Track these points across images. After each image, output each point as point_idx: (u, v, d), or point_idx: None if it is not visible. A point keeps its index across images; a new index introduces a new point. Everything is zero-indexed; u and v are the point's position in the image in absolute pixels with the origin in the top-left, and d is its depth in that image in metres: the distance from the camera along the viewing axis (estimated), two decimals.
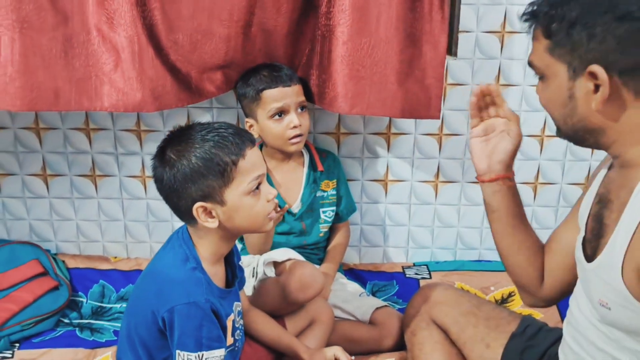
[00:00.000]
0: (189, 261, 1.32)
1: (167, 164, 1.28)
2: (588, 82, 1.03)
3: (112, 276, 2.11)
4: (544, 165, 2.08)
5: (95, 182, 2.13)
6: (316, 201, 1.92)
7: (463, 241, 2.19)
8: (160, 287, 1.31)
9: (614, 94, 1.02)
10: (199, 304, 1.27)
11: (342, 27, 1.73)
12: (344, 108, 1.80)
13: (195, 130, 1.30)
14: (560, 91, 1.07)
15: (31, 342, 1.82)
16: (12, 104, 1.72)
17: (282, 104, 1.78)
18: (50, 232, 2.21)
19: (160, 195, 1.34)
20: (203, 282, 1.30)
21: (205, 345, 1.28)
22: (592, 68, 1.01)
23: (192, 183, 1.27)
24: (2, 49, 1.68)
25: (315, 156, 1.94)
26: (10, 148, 2.09)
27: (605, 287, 1.08)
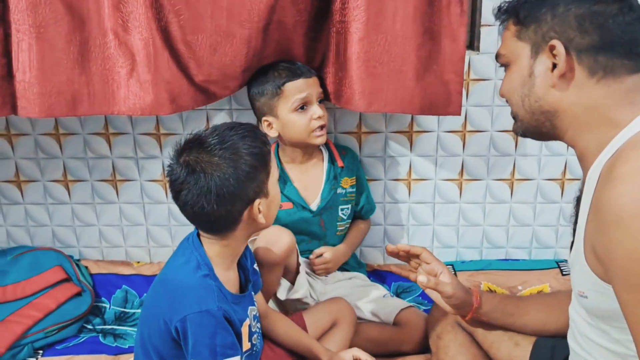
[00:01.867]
0: (201, 268, 1.30)
1: (218, 171, 1.21)
2: (547, 60, 1.10)
3: (135, 281, 2.10)
4: (519, 162, 2.04)
5: (116, 187, 2.12)
6: (336, 198, 1.89)
7: (489, 240, 2.14)
8: (172, 295, 1.29)
9: (569, 71, 1.08)
10: (211, 311, 1.25)
11: (357, 23, 1.69)
12: (361, 106, 1.77)
13: (217, 133, 1.27)
14: (521, 71, 1.14)
15: (55, 349, 1.83)
16: (31, 110, 1.72)
17: (306, 94, 1.76)
18: (73, 238, 2.20)
19: (201, 211, 1.23)
20: (215, 289, 1.28)
21: (220, 353, 1.26)
22: (552, 42, 1.08)
23: (251, 181, 1.25)
24: (20, 54, 1.68)
25: (334, 152, 1.92)
26: (31, 154, 2.09)
27: (580, 277, 1.11)
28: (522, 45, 1.14)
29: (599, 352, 1.14)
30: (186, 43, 1.72)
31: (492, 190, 2.07)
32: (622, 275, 0.95)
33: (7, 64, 1.70)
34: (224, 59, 1.75)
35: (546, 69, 1.10)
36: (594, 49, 1.05)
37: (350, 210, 1.93)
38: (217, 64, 1.74)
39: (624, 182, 0.94)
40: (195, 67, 1.75)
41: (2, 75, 1.71)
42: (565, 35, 1.07)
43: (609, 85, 1.06)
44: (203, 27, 1.71)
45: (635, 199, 0.91)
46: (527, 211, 2.09)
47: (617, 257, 0.95)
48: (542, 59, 1.11)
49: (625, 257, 0.93)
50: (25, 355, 1.78)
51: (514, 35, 1.15)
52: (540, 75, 1.11)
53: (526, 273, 2.04)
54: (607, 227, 0.95)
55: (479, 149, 2.02)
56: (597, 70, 1.06)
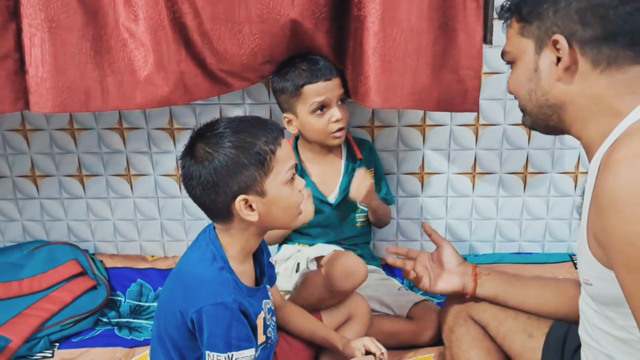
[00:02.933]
0: (216, 261, 1.30)
1: (205, 159, 1.24)
2: (551, 54, 1.12)
3: (149, 275, 2.12)
4: (532, 155, 2.03)
5: (130, 182, 2.14)
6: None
7: (502, 233, 2.14)
8: (188, 287, 1.30)
9: (573, 64, 1.10)
10: (227, 304, 1.25)
11: (373, 17, 1.67)
12: (376, 102, 1.75)
13: (224, 124, 1.28)
14: (527, 67, 1.17)
15: (70, 342, 1.85)
16: (44, 105, 1.73)
17: (324, 98, 1.76)
18: (88, 232, 2.22)
19: (192, 194, 1.29)
20: (230, 281, 1.29)
21: (235, 345, 1.26)
22: (555, 37, 1.10)
23: (233, 175, 1.24)
24: (33, 49, 1.69)
25: (353, 145, 1.92)
26: (46, 150, 2.11)
27: (584, 265, 1.12)
28: (526, 42, 1.17)
29: (605, 340, 1.15)
30: (201, 34, 1.73)
31: (505, 184, 2.07)
32: (621, 258, 0.97)
33: (19, 59, 1.71)
34: (240, 51, 1.75)
35: (551, 63, 1.13)
36: (596, 40, 1.07)
37: None
38: (234, 56, 1.75)
39: (619, 167, 0.96)
40: (211, 58, 1.76)
41: (15, 70, 1.72)
42: (567, 29, 1.09)
43: (612, 75, 1.08)
44: (220, 18, 1.71)
45: (629, 183, 0.93)
46: (540, 205, 2.09)
47: (615, 240, 0.97)
48: (546, 53, 1.13)
49: (623, 240, 0.95)
50: (41, 347, 1.80)
51: (518, 33, 1.18)
52: (545, 69, 1.14)
53: (539, 266, 2.03)
54: (604, 211, 0.97)
55: (491, 142, 2.02)
56: (600, 62, 1.08)
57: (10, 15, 1.67)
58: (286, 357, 1.57)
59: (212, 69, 1.77)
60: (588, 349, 1.22)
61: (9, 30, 1.68)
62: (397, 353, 1.71)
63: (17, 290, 1.94)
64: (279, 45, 1.77)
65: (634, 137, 1.00)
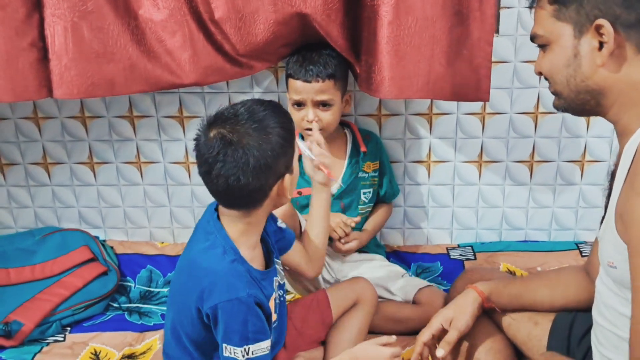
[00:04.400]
0: (227, 253, 1.29)
1: (252, 145, 1.20)
2: (593, 39, 1.08)
3: (159, 261, 2.15)
4: (539, 143, 2.04)
5: (140, 169, 2.16)
6: (357, 182, 1.92)
7: (508, 221, 2.15)
8: (202, 283, 1.28)
9: (617, 48, 1.07)
10: (242, 299, 1.24)
11: (387, 6, 1.65)
12: (391, 93, 1.73)
13: (246, 107, 1.25)
14: (565, 52, 1.12)
15: (82, 326, 1.87)
16: (69, 92, 1.76)
17: (299, 97, 1.79)
18: (98, 219, 2.25)
19: (230, 184, 1.21)
20: (244, 274, 1.28)
21: (252, 339, 1.26)
22: (599, 21, 1.06)
23: (282, 155, 1.24)
24: (57, 38, 1.72)
25: (358, 137, 1.94)
26: (58, 137, 2.14)
27: (609, 247, 1.12)
28: (562, 26, 1.12)
29: (623, 322, 1.14)
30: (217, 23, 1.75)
31: (511, 173, 2.08)
32: (635, 241, 0.99)
33: (43, 48, 1.75)
34: (257, 40, 1.77)
35: (592, 48, 1.09)
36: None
37: (372, 194, 1.95)
38: (251, 44, 1.77)
39: None
40: (229, 45, 1.78)
41: (39, 59, 1.75)
42: (610, 13, 1.05)
43: None
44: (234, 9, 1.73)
45: None
46: (547, 193, 2.10)
47: (634, 221, 0.98)
48: (588, 38, 1.09)
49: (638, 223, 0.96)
50: (53, 331, 1.83)
51: (552, 16, 1.13)
52: (586, 55, 1.10)
53: (545, 254, 2.05)
54: (635, 194, 0.98)
55: (498, 131, 2.03)
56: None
57: (34, 5, 1.71)
58: (295, 344, 1.59)
59: (232, 55, 1.80)
60: (600, 330, 1.22)
61: (33, 20, 1.72)
62: (404, 338, 1.73)
63: (29, 276, 1.97)
64: (295, 33, 1.78)
65: None
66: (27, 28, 1.72)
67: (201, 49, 1.77)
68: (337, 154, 1.92)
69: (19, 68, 1.74)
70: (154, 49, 1.77)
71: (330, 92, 1.78)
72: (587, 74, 1.11)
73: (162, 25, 1.75)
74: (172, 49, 1.77)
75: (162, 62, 1.78)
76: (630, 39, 1.06)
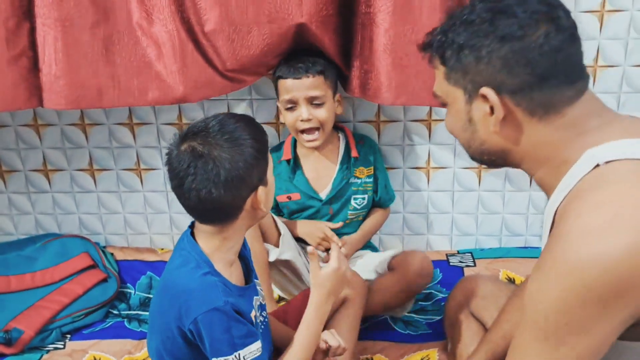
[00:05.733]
0: (200, 267, 1.26)
1: (225, 158, 1.19)
2: (483, 105, 1.02)
3: (159, 267, 2.15)
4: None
5: (140, 176, 2.17)
6: (348, 187, 1.92)
7: (508, 228, 2.16)
8: (177, 300, 1.25)
9: (509, 114, 1.01)
10: (220, 308, 1.22)
11: (383, 14, 1.68)
12: (388, 99, 1.76)
13: (217, 121, 1.23)
14: (460, 116, 1.08)
15: (82, 334, 1.89)
16: (57, 102, 1.76)
17: (290, 96, 1.78)
18: (99, 226, 2.26)
19: (206, 197, 1.19)
20: (218, 284, 1.25)
21: (239, 344, 1.23)
22: (482, 91, 1.01)
23: (256, 168, 1.23)
24: (46, 47, 1.73)
25: (351, 142, 1.94)
26: (58, 144, 2.15)
27: None
28: (454, 89, 1.06)
29: None
30: (206, 35, 1.74)
31: (511, 179, 2.08)
32: (525, 316, 0.98)
33: (33, 57, 1.75)
34: (250, 52, 1.76)
35: (484, 114, 1.03)
36: (527, 87, 0.99)
37: (367, 200, 1.95)
38: (244, 57, 1.77)
39: (572, 238, 0.90)
40: (219, 58, 1.77)
41: (29, 68, 1.76)
42: (494, 80, 1.00)
43: (552, 121, 1.00)
44: (228, 20, 1.73)
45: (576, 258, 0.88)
46: (546, 199, 2.09)
47: (528, 298, 0.97)
48: (478, 104, 1.04)
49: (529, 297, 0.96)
50: (53, 339, 1.84)
51: (445, 78, 1.07)
52: (479, 121, 1.05)
53: None
54: (536, 270, 0.96)
55: None
56: (536, 110, 1.00)
57: (24, 15, 1.71)
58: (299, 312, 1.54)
59: (221, 70, 1.79)
60: None
61: (23, 29, 1.72)
62: (401, 346, 1.75)
63: (30, 283, 1.98)
64: (287, 43, 1.78)
65: (584, 202, 0.93)
66: (17, 37, 1.73)
67: (191, 62, 1.75)
68: (328, 158, 1.93)
69: (8, 77, 1.74)
70: (144, 61, 1.76)
71: (322, 88, 1.79)
72: (484, 138, 1.06)
73: (152, 36, 1.74)
74: (162, 61, 1.75)
75: (152, 74, 1.76)
76: (520, 104, 1.00)
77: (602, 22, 1.87)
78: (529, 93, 0.99)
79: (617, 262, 0.85)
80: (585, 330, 0.90)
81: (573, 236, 0.89)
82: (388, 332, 1.83)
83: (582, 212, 0.91)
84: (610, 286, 0.86)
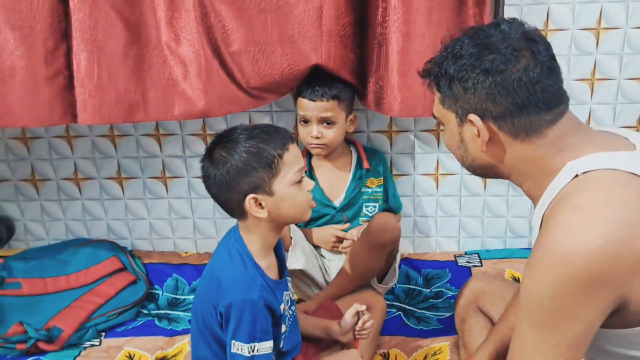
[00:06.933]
0: (243, 259, 1.43)
1: (219, 162, 1.38)
2: (472, 128, 1.16)
3: (184, 270, 2.27)
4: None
5: (165, 184, 2.30)
6: (360, 196, 2.06)
7: (512, 230, 2.28)
8: (220, 284, 1.42)
9: (493, 136, 1.15)
10: (253, 300, 1.37)
11: (397, 33, 1.82)
12: (402, 112, 1.90)
13: (240, 130, 1.42)
14: (454, 135, 1.22)
15: (115, 332, 2.00)
16: (91, 118, 1.86)
17: (305, 114, 1.95)
18: (126, 231, 2.39)
19: (210, 192, 1.43)
20: (257, 278, 1.41)
21: (258, 337, 1.38)
22: (469, 117, 1.14)
23: (244, 176, 1.37)
24: (81, 67, 1.82)
25: (362, 155, 2.08)
26: (89, 155, 2.27)
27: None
28: (448, 113, 1.20)
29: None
30: (232, 55, 1.86)
31: (513, 184, 2.17)
32: (521, 308, 1.10)
33: (68, 76, 1.85)
34: (273, 72, 1.88)
35: (473, 136, 1.17)
36: (509, 114, 1.12)
37: (378, 208, 2.08)
38: (267, 76, 1.88)
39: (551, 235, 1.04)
40: (244, 77, 1.89)
41: (64, 87, 1.85)
42: (480, 107, 1.13)
43: (533, 141, 1.13)
44: (252, 41, 1.85)
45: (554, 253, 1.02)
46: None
47: (523, 292, 1.09)
48: (467, 127, 1.17)
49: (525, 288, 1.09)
50: (90, 336, 1.96)
51: (440, 102, 1.21)
52: (469, 141, 1.19)
53: None
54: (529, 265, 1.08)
55: None
56: (518, 133, 1.13)
57: (62, 36, 1.81)
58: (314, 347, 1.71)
59: (245, 87, 1.90)
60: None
61: (60, 50, 1.82)
62: (415, 340, 1.86)
63: (64, 285, 2.10)
64: (310, 62, 1.89)
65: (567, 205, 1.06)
66: (54, 57, 1.82)
67: (216, 80, 1.86)
68: (342, 170, 2.08)
69: (45, 95, 1.83)
70: (171, 79, 1.87)
71: (334, 111, 1.93)
72: (474, 155, 1.20)
73: (180, 56, 1.85)
74: (188, 79, 1.86)
75: (178, 91, 1.87)
76: (503, 129, 1.13)
77: (598, 39, 2.00)
78: (511, 119, 1.12)
79: (598, 253, 0.99)
80: (575, 316, 1.03)
81: (558, 233, 1.03)
82: (402, 327, 1.94)
83: (566, 212, 1.05)
84: (594, 275, 0.99)
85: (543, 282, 1.04)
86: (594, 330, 1.06)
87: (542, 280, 1.04)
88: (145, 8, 1.82)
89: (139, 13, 1.82)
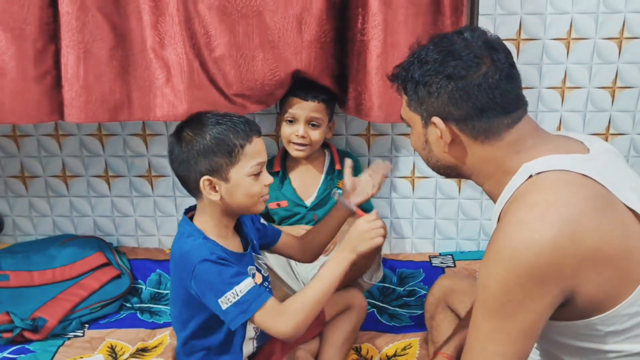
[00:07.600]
0: (193, 235, 1.50)
1: (183, 140, 1.46)
2: (435, 130, 1.21)
3: (167, 266, 2.20)
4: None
5: (151, 182, 2.36)
6: (331, 196, 2.12)
7: (485, 232, 2.35)
8: (180, 264, 1.49)
9: (455, 138, 1.21)
10: (208, 258, 1.43)
11: (376, 41, 1.88)
12: (379, 117, 1.96)
13: (211, 115, 1.49)
14: (419, 137, 1.28)
15: (99, 323, 2.06)
16: (77, 116, 1.93)
17: (294, 112, 2.01)
18: (112, 228, 2.45)
19: (172, 167, 1.52)
20: (207, 243, 1.48)
21: (234, 282, 1.42)
22: (433, 119, 1.20)
23: (203, 158, 1.44)
24: (69, 67, 1.89)
25: (335, 157, 2.15)
26: (76, 153, 2.34)
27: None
28: (414, 115, 1.25)
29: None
30: (215, 60, 1.92)
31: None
32: (476, 303, 1.17)
33: (56, 76, 1.92)
34: (255, 76, 1.94)
35: (436, 137, 1.22)
36: (469, 118, 1.18)
37: None
38: (250, 81, 1.94)
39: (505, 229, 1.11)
40: (226, 82, 1.94)
41: (52, 86, 1.92)
42: (442, 111, 1.19)
43: (492, 144, 1.19)
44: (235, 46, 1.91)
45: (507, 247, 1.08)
46: None
47: (479, 285, 1.16)
48: (431, 129, 1.22)
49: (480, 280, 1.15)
50: (74, 327, 2.02)
51: (407, 105, 1.26)
52: (433, 142, 1.24)
53: None
54: (485, 260, 1.15)
55: None
56: (478, 135, 1.19)
57: (51, 38, 1.88)
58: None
59: (227, 93, 1.96)
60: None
61: (49, 51, 1.89)
62: (387, 336, 1.92)
63: (51, 278, 2.17)
64: (291, 68, 1.95)
65: (520, 204, 1.12)
66: (43, 58, 1.89)
67: (198, 84, 1.91)
68: (314, 171, 2.15)
69: (34, 93, 1.90)
70: (154, 81, 1.93)
71: (322, 114, 2.01)
72: (438, 156, 1.26)
73: (163, 59, 1.91)
74: (170, 81, 1.91)
75: (161, 93, 1.93)
76: (464, 131, 1.19)
77: (568, 49, 2.08)
78: (471, 122, 1.18)
79: (546, 248, 1.06)
80: (524, 307, 1.10)
81: (510, 228, 1.10)
82: (375, 324, 2.00)
83: (518, 210, 1.12)
84: (542, 269, 1.06)
85: (496, 274, 1.10)
86: (543, 320, 1.12)
87: (495, 272, 1.11)
88: (131, 12, 1.89)
89: (125, 17, 1.89)
